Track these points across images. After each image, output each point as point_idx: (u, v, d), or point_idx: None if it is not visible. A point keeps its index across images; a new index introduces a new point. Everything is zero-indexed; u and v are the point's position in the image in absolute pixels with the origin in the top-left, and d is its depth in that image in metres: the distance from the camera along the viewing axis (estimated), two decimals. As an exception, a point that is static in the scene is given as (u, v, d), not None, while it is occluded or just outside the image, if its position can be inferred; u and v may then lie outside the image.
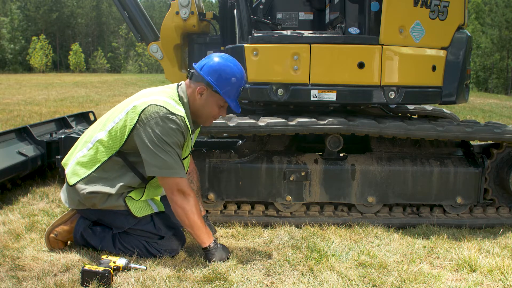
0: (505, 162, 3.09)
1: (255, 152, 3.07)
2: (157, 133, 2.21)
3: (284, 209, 3.03)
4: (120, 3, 3.75)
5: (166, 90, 2.40)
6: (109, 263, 2.16)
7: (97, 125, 2.44)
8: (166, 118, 2.22)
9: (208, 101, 2.38)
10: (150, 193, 2.44)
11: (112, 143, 2.31)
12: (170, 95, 2.35)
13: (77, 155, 2.40)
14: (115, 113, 2.38)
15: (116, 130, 2.30)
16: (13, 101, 11.81)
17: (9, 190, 3.58)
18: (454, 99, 3.12)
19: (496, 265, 2.33)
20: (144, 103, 2.26)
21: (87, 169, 2.34)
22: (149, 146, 2.22)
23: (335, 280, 2.15)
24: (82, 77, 30.14)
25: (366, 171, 2.98)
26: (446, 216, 3.09)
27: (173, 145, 2.24)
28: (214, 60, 2.37)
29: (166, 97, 2.31)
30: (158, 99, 2.28)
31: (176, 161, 2.26)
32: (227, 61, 2.38)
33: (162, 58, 3.74)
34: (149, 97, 2.31)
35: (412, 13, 2.97)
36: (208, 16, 3.70)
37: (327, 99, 2.96)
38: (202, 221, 2.34)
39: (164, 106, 2.24)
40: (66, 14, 63.01)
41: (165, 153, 2.22)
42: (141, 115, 2.24)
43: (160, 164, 2.23)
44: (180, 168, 2.27)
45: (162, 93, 2.36)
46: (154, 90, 2.42)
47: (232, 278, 2.14)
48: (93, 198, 2.32)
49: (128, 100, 2.42)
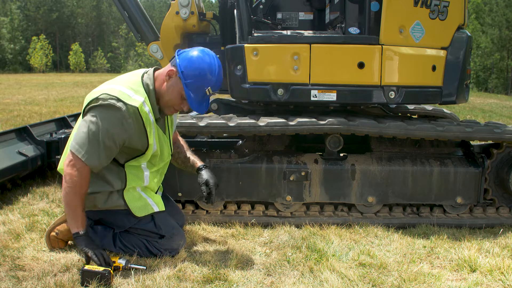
0: (505, 162, 3.09)
1: (255, 152, 3.07)
2: (95, 119, 2.13)
3: (284, 209, 3.03)
4: (120, 3, 3.75)
5: (130, 78, 2.31)
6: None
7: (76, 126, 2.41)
8: (111, 106, 2.13)
9: (173, 87, 2.27)
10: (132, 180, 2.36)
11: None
12: (131, 83, 2.26)
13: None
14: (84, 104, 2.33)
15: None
16: (13, 101, 11.81)
17: (9, 190, 3.58)
18: (454, 99, 3.12)
19: (496, 265, 2.33)
20: (98, 92, 2.19)
21: None
22: (82, 125, 2.16)
23: (335, 280, 2.15)
24: (82, 77, 30.15)
25: (366, 171, 2.98)
26: (446, 216, 3.09)
27: (103, 135, 2.13)
28: (197, 51, 2.28)
29: (124, 86, 2.22)
30: (114, 88, 2.19)
31: (93, 146, 2.13)
32: (207, 58, 2.27)
33: (162, 58, 3.74)
34: (108, 85, 2.25)
35: (412, 13, 2.97)
36: (208, 16, 3.70)
37: (327, 99, 2.96)
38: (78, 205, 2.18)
39: (115, 96, 2.15)
40: (66, 14, 63.02)
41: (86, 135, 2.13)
42: (91, 101, 2.17)
43: (75, 140, 2.16)
44: (88, 152, 2.13)
45: (123, 82, 2.27)
46: (117, 79, 2.33)
47: (232, 278, 2.14)
48: (94, 199, 2.33)
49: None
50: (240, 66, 2.96)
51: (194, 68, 2.23)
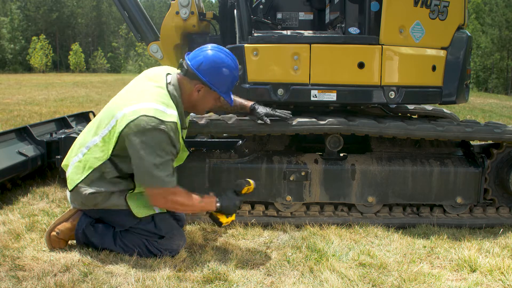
0: (505, 162, 3.09)
1: (255, 152, 3.07)
2: (145, 144, 2.19)
3: (284, 209, 3.03)
4: (120, 3, 3.74)
5: (157, 91, 2.33)
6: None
7: (91, 128, 2.43)
8: (155, 129, 2.19)
9: (206, 97, 2.42)
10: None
11: (105, 148, 2.31)
12: (160, 97, 2.30)
13: (73, 160, 2.42)
14: (106, 117, 2.35)
15: (109, 137, 2.29)
16: (13, 101, 11.81)
17: (9, 190, 3.58)
18: (454, 99, 3.12)
19: (496, 265, 2.33)
20: (134, 113, 2.21)
21: (82, 174, 2.35)
22: (137, 157, 2.22)
23: (335, 280, 2.15)
24: (82, 77, 30.16)
25: (366, 171, 2.98)
26: (446, 216, 3.09)
27: (160, 155, 2.22)
28: (210, 57, 2.34)
29: (156, 102, 2.26)
30: (148, 108, 2.22)
31: (162, 169, 2.23)
32: (223, 57, 2.36)
33: (162, 58, 3.74)
34: (139, 103, 2.25)
35: (412, 13, 2.97)
36: (208, 16, 3.69)
37: (327, 99, 2.96)
38: (195, 200, 2.36)
39: (154, 116, 2.19)
40: (66, 14, 63.01)
41: (151, 164, 2.21)
42: (130, 125, 2.20)
43: (143, 176, 2.25)
44: (166, 176, 2.24)
45: (152, 96, 2.30)
46: (143, 92, 2.34)
47: (232, 278, 2.14)
48: (95, 198, 2.34)
49: (117, 101, 2.39)
50: (240, 66, 2.96)
51: (223, 77, 2.36)
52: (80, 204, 2.41)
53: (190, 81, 2.38)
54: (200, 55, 2.36)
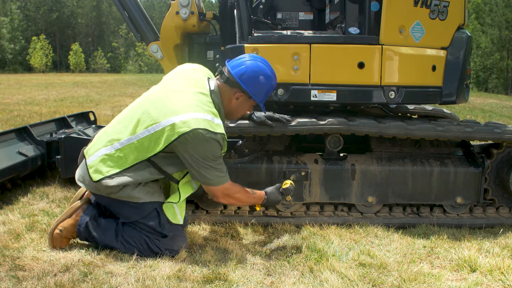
0: (505, 162, 3.09)
1: (255, 152, 3.07)
2: (200, 154, 2.27)
3: (284, 209, 3.03)
4: (120, 3, 3.74)
5: (201, 100, 2.36)
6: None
7: (126, 123, 2.39)
8: (208, 141, 2.25)
9: (243, 104, 2.53)
10: (184, 191, 2.48)
11: (143, 150, 2.32)
12: (205, 105, 2.34)
13: (101, 151, 2.39)
14: (147, 119, 2.32)
15: (149, 140, 2.30)
16: (13, 101, 11.81)
17: (9, 190, 3.58)
18: (454, 99, 3.12)
19: (496, 265, 2.33)
20: (184, 124, 2.22)
21: (112, 168, 2.34)
22: (192, 164, 2.30)
23: (335, 280, 2.15)
24: (82, 77, 30.16)
25: (366, 171, 2.98)
26: (446, 216, 3.09)
27: (214, 160, 2.32)
28: (252, 67, 2.46)
29: (205, 113, 2.29)
30: (198, 119, 2.24)
31: (218, 170, 2.35)
32: (264, 68, 2.48)
33: (162, 58, 3.74)
34: (188, 113, 2.26)
35: (412, 13, 2.97)
36: (208, 16, 3.69)
37: (327, 99, 2.96)
38: (249, 196, 2.54)
39: (206, 129, 2.23)
40: (66, 14, 63.02)
41: (207, 169, 2.31)
42: (182, 137, 2.23)
43: (203, 179, 2.36)
44: (221, 176, 2.37)
45: (199, 105, 2.31)
46: (188, 99, 2.33)
47: (232, 278, 2.14)
48: (113, 188, 2.34)
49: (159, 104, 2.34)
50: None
51: (264, 88, 2.49)
52: (93, 188, 2.40)
53: (230, 89, 2.47)
54: (243, 65, 2.46)
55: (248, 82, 2.44)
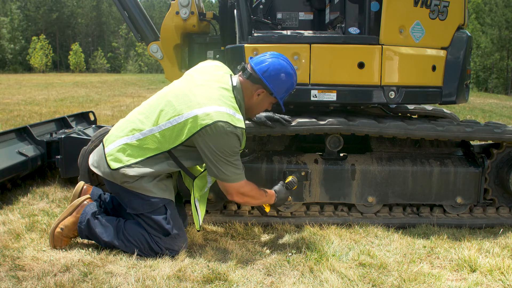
0: (505, 162, 3.09)
1: (255, 152, 3.07)
2: (219, 148, 2.29)
3: (284, 209, 3.03)
4: (120, 3, 3.74)
5: (224, 94, 2.39)
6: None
7: (149, 114, 2.41)
8: (229, 135, 2.28)
9: (264, 101, 2.56)
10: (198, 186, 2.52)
11: (164, 142, 2.35)
12: (228, 100, 2.37)
13: (122, 139, 2.40)
14: (170, 110, 2.34)
15: (171, 132, 2.32)
16: (13, 101, 11.81)
17: (9, 190, 3.58)
18: (454, 99, 3.12)
19: (496, 265, 2.33)
20: (207, 116, 2.25)
21: (132, 157, 2.36)
22: (210, 158, 2.32)
23: (335, 280, 2.15)
24: (82, 77, 30.15)
25: (366, 171, 2.98)
26: (446, 216, 3.09)
27: (233, 155, 2.35)
28: (275, 65, 2.49)
29: (227, 107, 2.32)
30: (221, 112, 2.27)
31: (235, 166, 2.38)
32: (286, 66, 2.51)
33: (162, 58, 3.74)
34: (210, 106, 2.29)
35: (412, 13, 2.97)
36: (208, 16, 3.69)
37: (327, 99, 2.96)
38: (262, 194, 2.57)
39: (228, 122, 2.26)
40: (66, 14, 63.05)
41: (224, 164, 2.33)
42: (204, 130, 2.25)
43: (220, 174, 2.37)
44: (238, 173, 2.39)
45: (221, 99, 2.34)
46: (211, 93, 2.37)
47: (232, 278, 2.14)
48: (130, 178, 2.35)
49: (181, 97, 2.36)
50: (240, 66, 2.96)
51: (286, 86, 2.52)
52: (108, 175, 2.40)
53: (252, 85, 2.50)
54: (265, 62, 2.50)
55: (270, 79, 2.47)
